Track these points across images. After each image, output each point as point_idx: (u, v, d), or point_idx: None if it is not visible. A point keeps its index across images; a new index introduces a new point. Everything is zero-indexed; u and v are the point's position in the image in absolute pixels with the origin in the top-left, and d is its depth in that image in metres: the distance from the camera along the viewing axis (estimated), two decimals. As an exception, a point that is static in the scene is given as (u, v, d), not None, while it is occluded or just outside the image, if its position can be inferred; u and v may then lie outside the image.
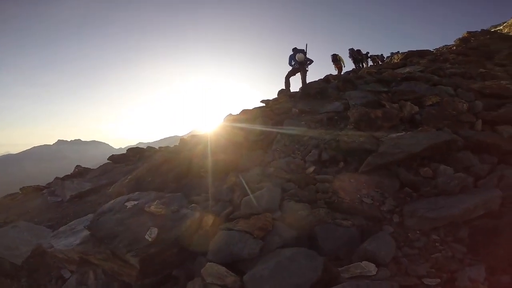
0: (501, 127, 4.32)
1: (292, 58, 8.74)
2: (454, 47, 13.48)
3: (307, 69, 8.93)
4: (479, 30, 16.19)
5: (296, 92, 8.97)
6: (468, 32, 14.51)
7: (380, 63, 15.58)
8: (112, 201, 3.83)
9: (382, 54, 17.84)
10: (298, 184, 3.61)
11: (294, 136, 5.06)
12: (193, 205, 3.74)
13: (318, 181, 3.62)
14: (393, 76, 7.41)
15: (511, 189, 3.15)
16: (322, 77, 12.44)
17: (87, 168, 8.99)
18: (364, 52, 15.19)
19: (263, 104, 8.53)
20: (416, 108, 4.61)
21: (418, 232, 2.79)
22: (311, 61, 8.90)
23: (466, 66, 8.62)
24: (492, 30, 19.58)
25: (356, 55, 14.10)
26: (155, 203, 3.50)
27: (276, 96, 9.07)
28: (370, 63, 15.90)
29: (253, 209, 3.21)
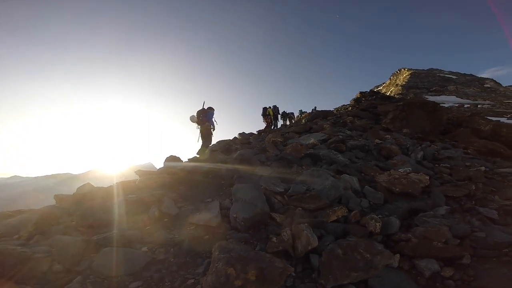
0: (421, 262, 3.10)
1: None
2: (350, 107, 14.69)
3: (212, 131, 7.63)
4: (369, 90, 18.87)
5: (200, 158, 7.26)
6: (361, 93, 16.39)
7: (292, 121, 16.36)
8: None
9: (301, 110, 19.27)
10: None
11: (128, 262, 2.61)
12: None
13: None
14: (297, 152, 6.27)
15: None
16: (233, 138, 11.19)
17: None
18: (281, 110, 16.15)
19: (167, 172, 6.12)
20: (314, 243, 2.98)
21: None
22: (207, 119, 7.59)
23: (363, 135, 8.55)
24: (375, 90, 23.69)
25: (276, 113, 14.49)
26: None
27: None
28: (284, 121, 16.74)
29: None
